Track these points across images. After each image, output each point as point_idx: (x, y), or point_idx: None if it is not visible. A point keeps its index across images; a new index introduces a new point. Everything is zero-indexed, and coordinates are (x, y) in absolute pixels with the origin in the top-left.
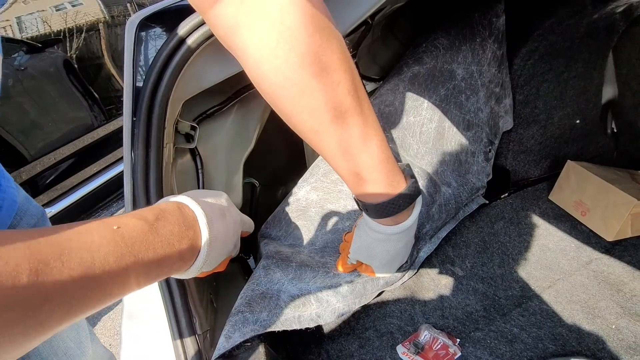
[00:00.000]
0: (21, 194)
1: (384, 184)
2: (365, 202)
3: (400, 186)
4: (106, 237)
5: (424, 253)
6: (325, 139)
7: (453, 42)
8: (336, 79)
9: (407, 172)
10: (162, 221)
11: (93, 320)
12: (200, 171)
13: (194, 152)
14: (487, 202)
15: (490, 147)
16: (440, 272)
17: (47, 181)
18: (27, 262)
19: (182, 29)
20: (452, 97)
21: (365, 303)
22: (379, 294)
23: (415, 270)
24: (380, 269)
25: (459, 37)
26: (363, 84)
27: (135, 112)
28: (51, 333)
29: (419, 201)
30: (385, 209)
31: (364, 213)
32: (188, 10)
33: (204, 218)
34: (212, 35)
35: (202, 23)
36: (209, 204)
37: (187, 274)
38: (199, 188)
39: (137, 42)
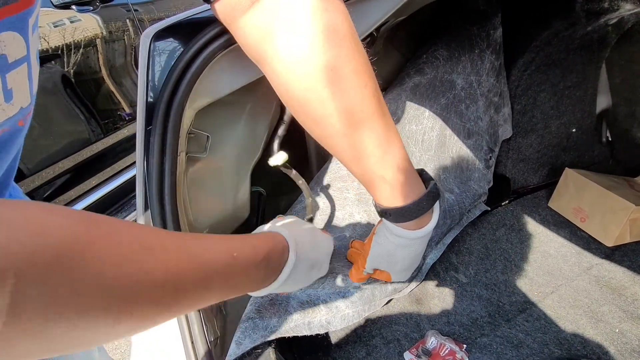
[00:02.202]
0: None
1: (407, 186)
2: (387, 206)
3: (420, 188)
4: (223, 259)
5: (430, 260)
6: (352, 142)
7: (453, 53)
8: (363, 82)
9: (425, 175)
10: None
11: None
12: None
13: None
14: (489, 209)
15: (490, 155)
16: (445, 279)
17: (45, 195)
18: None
19: (198, 41)
20: (452, 106)
21: (375, 310)
22: (387, 302)
23: (423, 278)
24: (398, 276)
25: (458, 49)
26: None
27: (149, 121)
28: (169, 317)
29: (437, 203)
30: (408, 212)
31: (384, 219)
32: (200, 24)
33: (294, 245)
34: (226, 47)
35: (216, 36)
36: (301, 236)
37: (262, 292)
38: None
39: (151, 53)
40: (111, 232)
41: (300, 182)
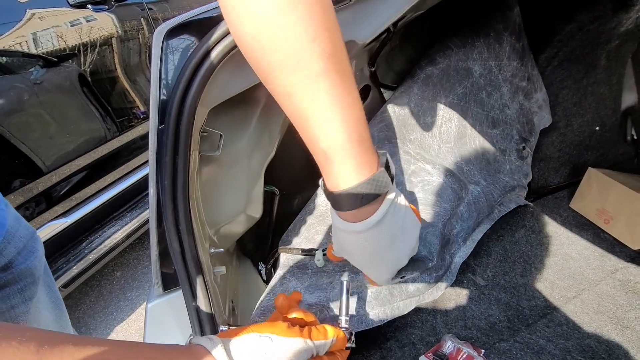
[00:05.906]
0: (11, 214)
1: (350, 169)
2: (328, 188)
3: (370, 173)
4: None
5: (459, 258)
6: (295, 102)
7: (466, 39)
8: (310, 35)
9: (382, 162)
10: None
11: (106, 332)
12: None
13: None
14: (529, 203)
15: (523, 145)
16: (462, 282)
17: (62, 192)
18: None
19: (210, 38)
20: (471, 94)
21: (400, 314)
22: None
23: (453, 280)
24: (366, 270)
25: (471, 35)
26: (347, 51)
27: (162, 119)
28: None
29: (389, 199)
30: (342, 200)
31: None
32: (212, 21)
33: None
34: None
35: (229, 33)
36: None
37: None
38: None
39: (164, 51)
40: None
41: None
